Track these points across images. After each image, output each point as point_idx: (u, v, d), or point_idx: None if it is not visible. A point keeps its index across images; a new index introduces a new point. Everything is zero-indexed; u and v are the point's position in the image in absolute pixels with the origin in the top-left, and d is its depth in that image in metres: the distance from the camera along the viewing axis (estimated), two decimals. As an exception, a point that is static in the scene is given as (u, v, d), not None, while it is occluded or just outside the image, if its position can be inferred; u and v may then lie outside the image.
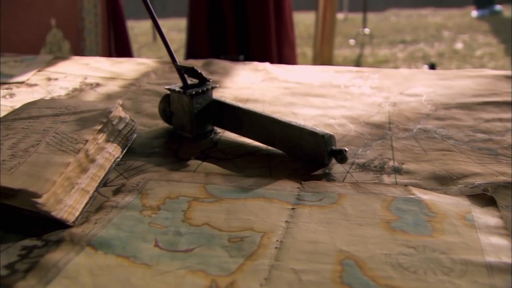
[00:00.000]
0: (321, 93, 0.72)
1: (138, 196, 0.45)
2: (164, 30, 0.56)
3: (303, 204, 0.43)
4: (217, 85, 0.59)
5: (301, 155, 0.51)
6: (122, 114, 0.55)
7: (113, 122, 0.53)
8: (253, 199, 0.44)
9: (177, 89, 0.57)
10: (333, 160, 0.50)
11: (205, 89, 0.57)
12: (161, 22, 0.55)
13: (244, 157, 0.53)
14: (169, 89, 0.58)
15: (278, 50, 2.57)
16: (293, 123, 0.52)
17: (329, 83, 0.77)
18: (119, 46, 2.53)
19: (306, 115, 0.64)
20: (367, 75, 0.79)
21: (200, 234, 0.39)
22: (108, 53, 2.50)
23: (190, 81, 0.58)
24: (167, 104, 0.59)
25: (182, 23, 5.19)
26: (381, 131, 0.58)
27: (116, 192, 0.46)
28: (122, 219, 0.41)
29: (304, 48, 4.19)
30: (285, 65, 0.86)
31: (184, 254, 0.37)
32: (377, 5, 5.55)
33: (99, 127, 0.49)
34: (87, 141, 0.47)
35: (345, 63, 3.97)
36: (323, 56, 3.79)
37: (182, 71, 0.57)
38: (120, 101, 0.56)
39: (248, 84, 0.78)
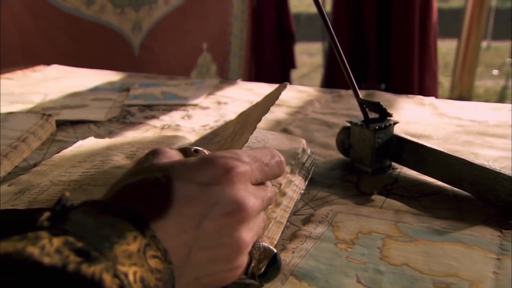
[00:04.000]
0: (500, 133, 0.68)
1: (329, 227, 0.46)
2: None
3: (508, 255, 0.40)
4: (399, 121, 0.59)
5: (494, 201, 0.49)
6: (305, 146, 0.57)
7: (299, 156, 0.55)
8: (451, 243, 0.42)
9: (359, 122, 0.57)
10: (531, 209, 0.47)
11: (387, 124, 0.57)
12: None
13: (429, 197, 0.52)
14: (350, 122, 0.59)
15: (419, 80, 2.49)
16: (486, 166, 0.49)
17: (506, 122, 0.72)
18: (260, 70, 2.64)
19: (488, 156, 0.61)
20: (551, 116, 0.74)
21: (401, 275, 0.38)
22: (249, 76, 2.62)
23: (370, 115, 0.58)
24: (345, 136, 0.60)
25: (312, 47, 5.24)
26: None
27: (306, 221, 0.47)
28: (319, 251, 0.42)
29: (439, 77, 4.03)
30: (453, 100, 0.83)
31: (389, 295, 0.36)
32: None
33: (289, 170, 0.52)
34: (281, 184, 0.50)
35: (486, 95, 3.74)
36: (462, 87, 3.60)
37: (365, 105, 0.58)
38: (304, 141, 0.58)
39: (417, 119, 0.76)
